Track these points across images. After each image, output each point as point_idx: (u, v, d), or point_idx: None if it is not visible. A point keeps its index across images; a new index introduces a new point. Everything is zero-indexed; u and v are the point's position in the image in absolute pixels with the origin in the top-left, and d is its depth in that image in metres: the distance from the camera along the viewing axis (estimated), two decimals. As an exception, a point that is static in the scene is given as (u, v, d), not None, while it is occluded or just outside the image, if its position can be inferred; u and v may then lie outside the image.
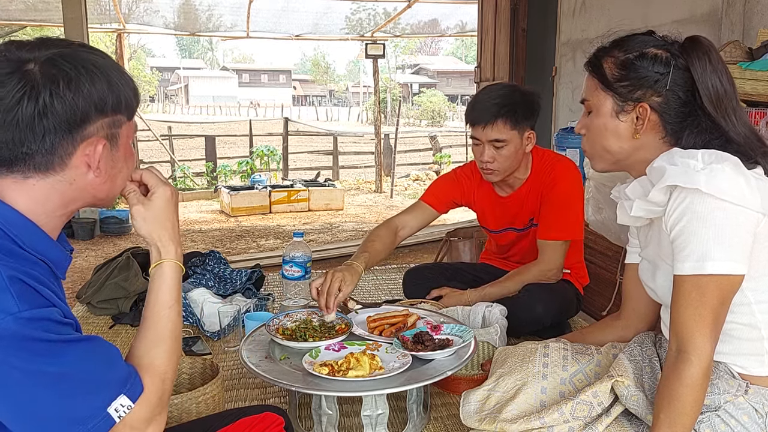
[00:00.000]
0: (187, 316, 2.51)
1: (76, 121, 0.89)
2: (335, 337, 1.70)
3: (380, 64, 9.87)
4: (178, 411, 1.52)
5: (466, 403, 1.41)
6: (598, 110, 1.29)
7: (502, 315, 2.02)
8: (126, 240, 5.83)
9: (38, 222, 0.91)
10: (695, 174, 1.12)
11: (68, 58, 0.90)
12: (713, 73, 1.20)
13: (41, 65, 0.88)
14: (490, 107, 2.05)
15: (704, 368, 1.13)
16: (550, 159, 2.25)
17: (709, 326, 1.14)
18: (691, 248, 1.13)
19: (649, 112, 1.23)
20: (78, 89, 0.89)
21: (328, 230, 6.48)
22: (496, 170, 2.12)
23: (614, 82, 1.26)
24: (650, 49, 1.25)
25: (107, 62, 0.95)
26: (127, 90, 0.96)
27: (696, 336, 1.13)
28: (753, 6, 2.65)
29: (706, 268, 1.12)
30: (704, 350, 1.13)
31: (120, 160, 0.98)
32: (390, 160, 10.11)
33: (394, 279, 3.23)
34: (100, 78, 0.91)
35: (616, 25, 3.52)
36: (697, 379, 1.13)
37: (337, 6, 8.66)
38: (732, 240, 1.11)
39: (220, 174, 9.69)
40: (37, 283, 0.85)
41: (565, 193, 2.16)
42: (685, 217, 1.14)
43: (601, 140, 1.30)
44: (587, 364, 1.40)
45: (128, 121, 0.99)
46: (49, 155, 0.89)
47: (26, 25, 8.76)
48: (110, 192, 0.99)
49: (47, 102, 0.86)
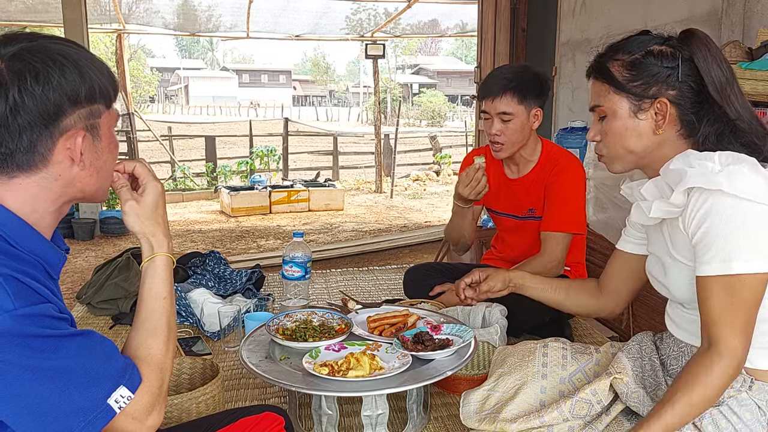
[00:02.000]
0: (187, 316, 2.51)
1: (51, 115, 0.88)
2: (335, 337, 1.70)
3: (380, 64, 9.88)
4: (179, 411, 1.52)
5: (466, 403, 1.42)
6: (615, 113, 1.30)
7: (502, 315, 2.02)
8: (126, 240, 5.83)
9: (30, 221, 0.91)
10: (715, 176, 1.13)
11: (34, 51, 0.88)
12: (713, 61, 1.23)
13: (7, 62, 0.87)
14: (500, 80, 2.15)
15: (735, 367, 1.15)
16: (557, 152, 2.30)
17: (741, 326, 1.14)
18: (717, 249, 1.14)
19: (669, 106, 1.25)
20: (47, 82, 0.87)
21: (328, 230, 6.48)
22: (503, 143, 2.19)
23: (627, 83, 1.27)
24: (653, 46, 1.27)
25: (77, 52, 0.93)
26: (101, 78, 0.94)
27: (728, 337, 1.14)
28: (753, 6, 2.65)
29: (734, 269, 1.13)
30: (736, 350, 1.14)
31: (104, 150, 0.97)
32: (390, 160, 10.12)
33: (394, 279, 3.23)
34: (70, 68, 0.90)
35: (616, 26, 3.53)
36: (725, 375, 1.15)
37: (337, 6, 8.67)
38: (757, 239, 1.12)
39: (220, 174, 9.70)
40: (32, 280, 0.86)
41: (569, 186, 2.20)
42: (708, 218, 1.14)
43: (622, 142, 1.31)
44: (586, 363, 1.41)
45: (107, 109, 0.97)
46: (29, 153, 0.88)
47: (26, 25, 8.76)
48: (98, 184, 0.98)
49: (17, 98, 0.85)
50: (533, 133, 2.25)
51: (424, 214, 7.62)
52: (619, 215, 2.68)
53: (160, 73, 45.34)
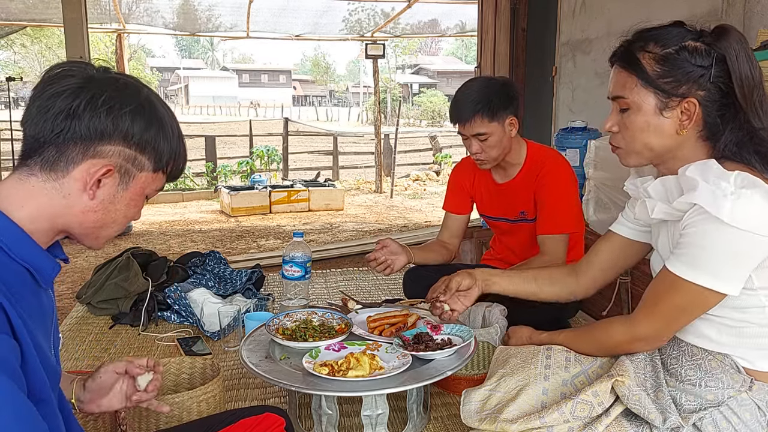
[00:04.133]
0: (187, 316, 2.51)
1: (96, 133, 0.89)
2: (335, 337, 1.70)
3: (380, 64, 9.87)
4: (179, 410, 1.53)
5: (467, 402, 1.41)
6: (640, 108, 1.24)
7: (502, 315, 2.02)
8: (126, 240, 5.83)
9: (27, 229, 0.88)
10: (723, 199, 1.11)
11: (130, 86, 0.92)
12: (746, 62, 1.19)
13: (103, 79, 0.90)
14: (466, 105, 2.16)
15: (630, 342, 1.31)
16: (541, 153, 2.31)
17: (661, 320, 1.25)
18: (687, 252, 1.18)
19: (697, 107, 1.21)
20: (116, 109, 0.89)
21: (328, 230, 6.48)
22: (485, 160, 2.23)
23: (657, 78, 1.22)
24: (689, 41, 1.21)
25: (165, 111, 0.96)
26: (167, 144, 0.95)
27: (642, 318, 1.28)
28: (753, 6, 2.65)
29: (687, 274, 1.17)
30: (643, 333, 1.28)
31: (122, 201, 0.95)
32: (390, 160, 10.12)
33: (394, 279, 3.23)
34: (145, 114, 0.92)
35: (617, 26, 3.53)
36: (620, 341, 1.33)
37: (337, 6, 8.66)
38: (730, 262, 1.14)
39: (220, 174, 9.69)
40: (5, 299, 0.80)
41: (558, 187, 2.22)
42: (698, 226, 1.16)
43: (642, 138, 1.26)
44: (590, 366, 1.40)
45: (153, 172, 0.96)
46: (57, 152, 0.89)
47: (26, 25, 8.77)
48: (98, 225, 0.94)
49: (80, 108, 0.87)
50: (515, 137, 2.27)
51: (424, 214, 7.62)
52: (619, 215, 2.68)
53: (160, 72, 45.28)
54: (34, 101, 0.89)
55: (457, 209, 2.52)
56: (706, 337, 1.26)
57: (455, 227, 2.53)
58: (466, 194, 2.50)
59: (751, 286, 1.17)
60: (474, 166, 2.38)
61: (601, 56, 3.71)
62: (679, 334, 1.32)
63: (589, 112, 3.89)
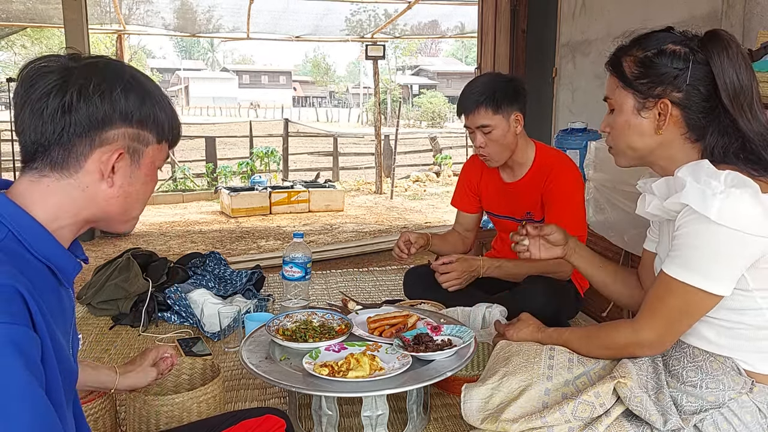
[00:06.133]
0: (187, 316, 2.51)
1: (97, 122, 0.89)
2: (335, 337, 1.70)
3: (380, 65, 9.88)
4: (179, 410, 1.53)
5: (468, 399, 1.41)
6: (621, 108, 1.31)
7: (502, 316, 2.03)
8: (126, 241, 5.83)
9: (50, 229, 0.89)
10: (711, 198, 1.13)
11: (111, 67, 0.91)
12: (731, 67, 1.21)
13: (81, 66, 0.89)
14: (471, 96, 2.19)
15: (634, 345, 1.30)
16: (550, 155, 2.32)
17: (663, 324, 1.25)
18: (680, 253, 1.19)
19: (670, 107, 1.25)
20: (108, 92, 0.89)
21: (328, 231, 6.48)
22: (490, 154, 2.25)
23: (634, 80, 1.28)
24: (668, 45, 1.25)
25: (150, 83, 0.95)
26: (161, 112, 0.96)
27: (643, 322, 1.28)
28: (753, 7, 2.65)
29: (682, 276, 1.18)
30: (646, 337, 1.27)
31: (138, 179, 0.96)
32: (390, 161, 10.12)
33: (394, 279, 3.24)
34: (134, 91, 0.92)
35: (616, 27, 3.53)
36: (624, 344, 1.32)
37: (337, 7, 8.66)
38: (721, 262, 1.14)
39: (221, 175, 9.70)
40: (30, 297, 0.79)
41: (566, 191, 2.22)
42: (689, 226, 1.17)
43: (624, 137, 1.32)
44: (592, 367, 1.40)
45: (158, 144, 0.97)
46: (65, 151, 0.88)
47: (26, 26, 8.78)
48: (122, 209, 0.95)
49: (74, 99, 0.87)
50: (522, 136, 2.28)
51: (424, 215, 7.62)
52: (618, 216, 2.67)
53: (160, 73, 45.24)
54: (23, 106, 0.88)
55: (464, 207, 2.55)
56: (705, 338, 1.27)
57: (466, 222, 2.57)
58: (473, 191, 2.51)
59: (746, 287, 1.18)
60: (483, 163, 2.39)
61: (600, 58, 3.70)
62: (681, 336, 1.32)
63: (589, 113, 3.89)
